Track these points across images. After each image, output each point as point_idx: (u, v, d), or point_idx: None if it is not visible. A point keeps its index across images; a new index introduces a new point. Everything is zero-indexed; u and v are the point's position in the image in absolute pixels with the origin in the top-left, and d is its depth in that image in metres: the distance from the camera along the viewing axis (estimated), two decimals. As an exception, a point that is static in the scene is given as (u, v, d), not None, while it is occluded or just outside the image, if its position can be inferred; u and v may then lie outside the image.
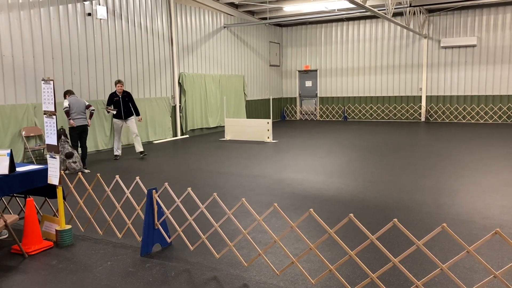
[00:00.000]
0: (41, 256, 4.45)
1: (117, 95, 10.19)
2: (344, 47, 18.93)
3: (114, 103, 10.13)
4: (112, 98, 10.17)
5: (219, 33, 16.03)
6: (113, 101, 10.14)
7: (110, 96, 10.22)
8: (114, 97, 10.16)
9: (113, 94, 10.20)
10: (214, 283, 3.75)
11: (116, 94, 10.18)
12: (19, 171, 4.74)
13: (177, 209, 5.57)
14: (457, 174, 7.83)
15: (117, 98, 10.18)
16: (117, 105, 10.12)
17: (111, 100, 10.16)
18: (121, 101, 10.18)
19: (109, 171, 8.74)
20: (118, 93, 10.18)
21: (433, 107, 17.51)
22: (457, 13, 16.67)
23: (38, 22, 9.93)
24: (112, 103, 10.13)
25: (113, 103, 10.12)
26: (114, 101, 10.14)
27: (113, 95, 10.19)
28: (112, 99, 10.16)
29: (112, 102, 10.13)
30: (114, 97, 10.16)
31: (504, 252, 4.26)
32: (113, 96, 10.18)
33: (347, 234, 4.82)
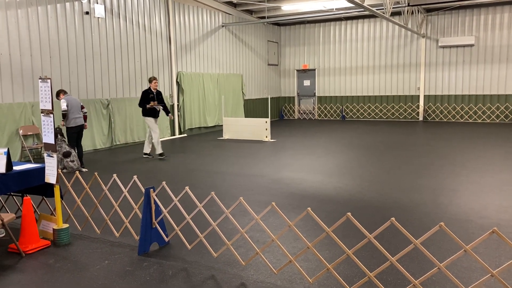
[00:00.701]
0: (38, 255, 4.44)
1: (152, 92, 9.78)
2: (343, 46, 18.93)
3: (150, 100, 9.71)
4: (147, 95, 9.73)
5: (217, 32, 16.02)
6: (148, 98, 9.71)
7: (145, 93, 9.78)
8: (149, 93, 9.75)
9: (148, 91, 9.79)
10: (212, 282, 3.74)
11: (151, 91, 9.78)
12: (16, 170, 4.73)
13: (174, 208, 5.56)
14: (455, 173, 7.85)
15: (152, 95, 9.78)
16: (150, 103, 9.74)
17: (146, 97, 9.72)
18: (156, 99, 9.83)
19: (106, 170, 8.73)
20: (153, 90, 9.78)
21: (431, 107, 17.54)
22: (455, 12, 16.69)
23: (36, 20, 9.90)
24: (148, 100, 9.70)
25: (149, 100, 9.69)
26: (150, 98, 9.73)
27: (148, 92, 9.77)
28: (147, 96, 9.73)
29: (147, 99, 9.70)
30: (149, 94, 9.74)
31: (501, 251, 4.27)
32: (147, 93, 9.76)
33: (345, 233, 4.83)
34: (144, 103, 9.76)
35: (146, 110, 9.75)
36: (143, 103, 9.77)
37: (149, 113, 9.77)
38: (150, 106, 9.68)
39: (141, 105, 9.84)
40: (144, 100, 9.73)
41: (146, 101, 9.70)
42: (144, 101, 9.75)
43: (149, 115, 9.79)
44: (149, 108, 9.67)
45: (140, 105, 9.88)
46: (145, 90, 9.84)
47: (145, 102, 9.73)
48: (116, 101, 11.94)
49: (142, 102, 9.81)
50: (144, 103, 9.76)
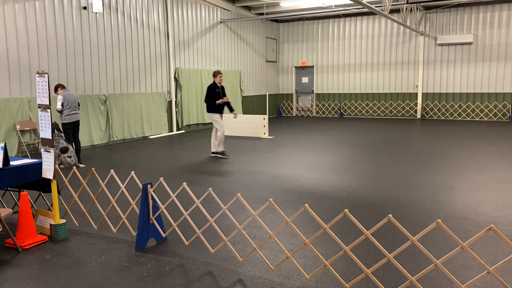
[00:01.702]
0: (35, 250, 4.43)
1: (218, 87, 9.27)
2: (341, 43, 18.92)
3: (216, 95, 9.20)
4: (214, 90, 9.21)
5: (216, 28, 15.98)
6: (215, 93, 9.20)
7: (211, 88, 9.26)
8: (215, 88, 9.23)
9: (214, 85, 9.26)
10: (209, 278, 3.74)
11: (216, 85, 9.26)
12: (13, 165, 4.71)
13: (172, 204, 5.56)
14: (452, 171, 7.86)
15: (218, 90, 9.25)
16: (218, 98, 9.23)
17: (213, 92, 9.20)
18: (221, 94, 9.32)
19: (104, 166, 8.71)
20: (218, 84, 9.29)
21: (429, 104, 17.55)
22: (454, 10, 16.68)
23: (33, 15, 9.85)
24: (215, 95, 9.19)
25: (215, 95, 9.19)
26: (216, 93, 9.22)
27: (214, 86, 9.25)
28: (214, 90, 9.21)
29: (214, 94, 9.18)
30: (215, 89, 9.23)
31: (497, 249, 4.29)
32: (214, 87, 9.24)
33: (342, 230, 4.83)
34: (212, 98, 9.22)
35: (213, 106, 9.21)
36: (211, 99, 9.23)
37: (216, 109, 9.27)
38: (221, 102, 9.18)
39: (209, 101, 9.27)
40: (212, 96, 9.20)
41: (214, 97, 9.19)
42: (211, 97, 9.21)
43: (215, 111, 9.29)
44: (217, 104, 9.19)
45: (207, 101, 9.30)
46: (211, 85, 9.28)
47: (212, 98, 9.21)
48: (114, 96, 11.91)
49: (209, 98, 9.26)
50: (212, 98, 9.22)
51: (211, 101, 9.24)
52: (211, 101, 9.23)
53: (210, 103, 9.27)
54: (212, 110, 9.29)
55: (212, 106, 9.26)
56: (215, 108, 9.26)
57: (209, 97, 9.25)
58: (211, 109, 9.30)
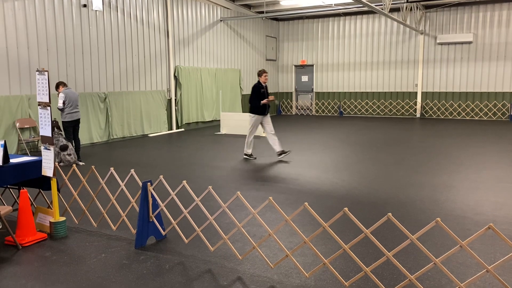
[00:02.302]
0: (34, 247, 4.43)
1: (263, 86, 8.83)
2: (341, 42, 18.91)
3: (261, 95, 8.76)
4: (259, 90, 8.79)
5: (216, 27, 15.97)
6: (260, 93, 8.77)
7: (256, 88, 8.84)
8: (260, 88, 8.81)
9: (259, 85, 8.85)
10: (209, 276, 3.75)
11: (261, 85, 8.84)
12: (13, 163, 4.72)
13: (172, 202, 5.56)
14: (451, 170, 7.87)
15: (263, 89, 8.82)
16: (263, 98, 8.78)
17: (258, 92, 8.78)
18: (266, 94, 8.87)
19: (103, 164, 8.71)
20: (263, 83, 8.86)
21: (428, 103, 17.56)
22: (454, 9, 16.68)
23: (33, 12, 9.84)
24: (260, 95, 8.76)
25: (260, 96, 8.76)
26: (261, 93, 8.78)
27: (259, 86, 8.84)
28: (259, 91, 8.78)
29: (259, 95, 8.76)
30: (260, 89, 8.80)
31: (496, 247, 4.30)
32: (259, 87, 8.82)
33: (341, 229, 4.84)
34: (257, 99, 8.77)
35: (258, 107, 8.77)
36: (257, 99, 8.78)
37: (260, 110, 8.80)
38: (265, 102, 8.76)
39: (254, 102, 8.82)
40: (257, 96, 8.76)
41: (259, 97, 8.75)
42: (257, 97, 8.76)
43: (259, 112, 8.82)
44: (262, 104, 8.75)
45: (251, 102, 8.87)
46: (256, 85, 8.88)
47: (258, 98, 8.76)
48: (114, 94, 11.90)
49: (255, 98, 8.81)
50: (257, 99, 8.77)
51: (256, 102, 8.79)
52: (256, 102, 8.78)
53: (254, 104, 8.82)
54: (256, 112, 8.83)
55: (256, 108, 8.81)
56: (260, 109, 8.80)
57: (255, 98, 8.78)
58: (254, 110, 8.84)
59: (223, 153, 9.91)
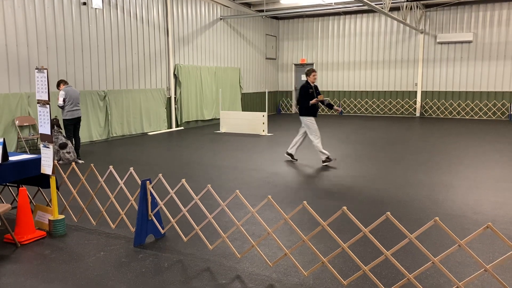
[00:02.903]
0: (33, 245, 4.43)
1: (311, 86, 8.29)
2: (341, 41, 18.90)
3: (310, 96, 8.22)
4: (307, 90, 8.25)
5: (216, 25, 15.95)
6: (308, 93, 8.22)
7: (304, 88, 8.30)
8: (309, 88, 8.26)
9: (307, 85, 8.30)
10: (207, 274, 3.75)
11: (310, 85, 8.29)
12: (12, 160, 4.71)
13: (171, 201, 5.57)
14: (450, 169, 7.88)
15: (312, 90, 8.27)
16: (311, 99, 8.24)
17: (307, 93, 8.24)
18: (315, 94, 8.31)
19: (103, 162, 8.71)
20: (312, 83, 8.32)
21: (428, 103, 17.56)
22: (454, 8, 16.67)
23: (33, 10, 9.83)
24: (308, 96, 8.22)
25: (309, 96, 8.22)
26: (310, 93, 8.23)
27: (307, 86, 8.29)
28: (307, 91, 8.24)
29: (308, 95, 8.22)
30: (309, 89, 8.25)
31: (495, 247, 4.30)
32: (307, 88, 8.27)
33: (340, 227, 4.85)
34: (306, 100, 8.23)
35: (308, 108, 8.26)
36: (305, 100, 8.25)
37: (310, 111, 8.27)
38: (315, 102, 8.21)
39: (303, 103, 8.29)
40: (306, 97, 8.22)
41: (308, 98, 8.22)
42: (306, 98, 8.23)
43: (310, 113, 8.28)
44: (312, 104, 8.21)
45: (300, 103, 8.35)
46: (304, 85, 8.33)
47: (307, 99, 8.23)
48: (113, 93, 11.89)
49: (304, 99, 8.26)
50: (306, 100, 8.23)
51: (305, 103, 8.26)
52: (305, 102, 8.26)
53: (304, 105, 8.29)
54: (307, 113, 8.29)
55: (306, 109, 8.28)
56: (310, 110, 8.26)
57: (302, 98, 8.29)
58: (305, 111, 8.30)
59: (223, 152, 9.91)
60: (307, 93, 8.25)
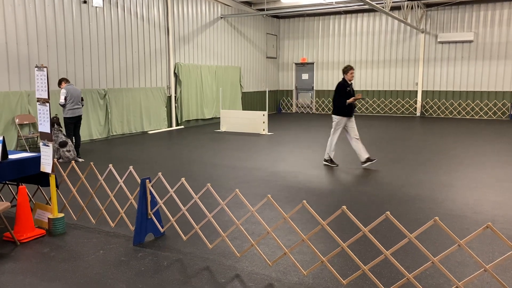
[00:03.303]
0: (33, 244, 4.43)
1: (349, 85, 7.99)
2: (342, 40, 18.88)
3: (347, 94, 7.90)
4: (344, 88, 7.93)
5: (216, 24, 15.93)
6: (345, 92, 7.91)
7: (341, 86, 7.98)
8: (346, 86, 7.95)
9: (344, 83, 7.98)
10: (207, 273, 3.75)
11: (347, 83, 7.97)
12: (12, 159, 4.71)
13: (170, 199, 5.56)
14: (450, 169, 7.87)
15: (349, 88, 7.97)
16: (349, 97, 7.91)
17: (343, 91, 7.92)
18: (352, 93, 8.01)
19: (102, 160, 8.71)
20: (349, 81, 8.01)
21: (429, 102, 17.54)
22: (455, 8, 16.65)
23: (33, 8, 9.82)
24: (345, 94, 7.90)
25: (346, 95, 7.90)
26: (347, 92, 7.92)
27: (344, 84, 7.97)
28: (344, 89, 7.93)
29: (345, 94, 7.90)
30: (346, 87, 7.95)
31: (495, 247, 4.30)
32: (344, 86, 7.96)
33: (340, 227, 4.84)
34: (342, 99, 7.92)
35: (343, 107, 7.94)
36: (342, 99, 7.92)
37: (345, 110, 7.95)
38: (352, 101, 7.89)
39: (339, 101, 7.96)
40: (342, 95, 7.91)
41: (345, 97, 7.91)
42: (342, 97, 7.92)
43: (345, 113, 7.97)
44: (348, 103, 7.91)
45: (336, 101, 8.01)
46: (341, 83, 8.02)
47: (343, 98, 7.91)
48: (113, 91, 11.88)
49: (340, 98, 7.94)
50: (342, 99, 7.92)
51: (341, 101, 7.94)
52: (341, 101, 7.93)
53: (340, 104, 7.97)
54: (341, 113, 7.98)
55: (342, 108, 7.96)
56: (345, 110, 7.95)
57: (340, 97, 7.94)
58: (339, 111, 7.99)
59: (223, 151, 9.90)
60: (343, 91, 7.91)
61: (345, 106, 7.93)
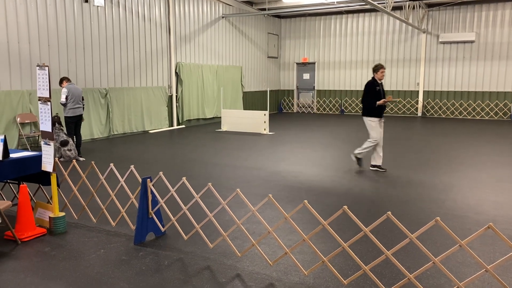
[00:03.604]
0: (34, 242, 4.43)
1: (378, 84, 7.56)
2: (343, 40, 18.86)
3: (377, 94, 7.49)
4: (373, 88, 7.51)
5: (217, 23, 15.93)
6: (375, 91, 7.49)
7: (370, 85, 7.56)
8: (375, 86, 7.53)
9: (374, 82, 7.56)
10: (207, 273, 3.75)
11: (376, 82, 7.55)
12: (13, 157, 4.71)
13: (171, 199, 5.55)
14: (452, 169, 7.86)
15: (379, 87, 7.54)
16: (379, 98, 7.49)
17: (373, 91, 7.51)
18: (382, 93, 7.60)
19: (103, 160, 8.71)
20: (379, 81, 7.59)
21: (430, 102, 17.52)
22: (456, 8, 16.62)
23: (34, 7, 9.82)
24: (375, 94, 7.49)
25: (376, 95, 7.48)
26: (377, 91, 7.50)
27: (374, 83, 7.54)
28: (374, 89, 7.51)
29: (374, 93, 7.48)
30: (376, 87, 7.52)
31: (496, 247, 4.29)
32: (374, 85, 7.53)
33: (341, 227, 4.84)
34: (372, 98, 7.49)
35: (373, 108, 7.51)
36: (371, 100, 7.50)
37: (375, 111, 7.53)
38: (382, 103, 7.47)
39: (368, 102, 7.55)
40: (372, 95, 7.48)
41: (374, 96, 7.48)
42: (372, 97, 7.49)
43: (375, 114, 7.55)
44: (379, 105, 7.49)
45: (365, 102, 7.61)
46: (371, 82, 7.59)
47: (373, 98, 7.48)
48: (115, 90, 11.89)
49: (369, 98, 7.53)
50: (372, 98, 7.49)
51: (370, 102, 7.52)
52: (371, 102, 7.52)
53: (369, 105, 7.57)
54: (371, 114, 7.57)
55: (371, 109, 7.55)
56: (375, 111, 7.52)
57: (369, 97, 7.52)
58: (369, 112, 7.59)
59: (224, 151, 9.90)
60: (373, 91, 7.49)
61: (375, 107, 7.52)
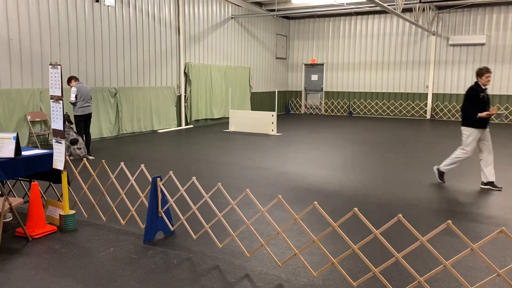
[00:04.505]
0: (44, 240, 4.47)
1: (482, 90, 6.50)
2: (352, 41, 18.81)
3: (480, 102, 6.47)
4: (477, 94, 6.46)
5: (226, 24, 15.96)
6: (478, 98, 6.46)
7: (473, 91, 6.52)
8: (479, 92, 6.47)
9: (477, 88, 6.51)
10: (216, 272, 3.76)
11: (480, 88, 6.50)
12: (25, 155, 4.76)
13: (181, 198, 5.57)
14: (461, 173, 7.80)
15: (483, 94, 6.48)
16: (482, 106, 6.47)
17: (476, 97, 6.47)
18: (486, 100, 6.56)
19: (112, 158, 8.76)
20: (483, 86, 6.53)
21: (439, 105, 17.42)
22: (467, 10, 16.51)
23: (46, 6, 9.91)
24: (478, 102, 6.48)
25: (479, 103, 6.48)
26: (480, 99, 6.47)
27: (477, 89, 6.50)
28: (477, 96, 6.46)
29: (477, 101, 6.47)
30: (479, 93, 6.47)
31: (507, 252, 4.26)
32: (478, 91, 6.48)
33: (350, 229, 4.82)
34: (473, 107, 6.48)
35: (474, 117, 6.49)
36: (472, 108, 6.48)
37: (478, 121, 6.51)
38: (485, 115, 6.42)
39: (468, 111, 6.55)
40: (474, 103, 6.49)
41: (477, 105, 6.46)
42: (474, 104, 6.48)
43: (476, 125, 6.54)
44: (480, 117, 6.45)
45: (466, 111, 6.59)
46: (473, 88, 6.55)
47: (476, 106, 6.47)
48: (124, 90, 11.96)
49: (472, 106, 6.50)
50: (473, 107, 6.48)
51: (470, 111, 6.51)
52: (472, 111, 6.49)
53: (469, 113, 6.53)
54: (472, 124, 6.55)
55: (471, 119, 6.54)
56: (478, 120, 6.49)
57: (470, 105, 6.53)
58: (470, 122, 6.57)
59: (231, 151, 9.91)
60: (476, 98, 6.47)
61: (476, 117, 6.49)
